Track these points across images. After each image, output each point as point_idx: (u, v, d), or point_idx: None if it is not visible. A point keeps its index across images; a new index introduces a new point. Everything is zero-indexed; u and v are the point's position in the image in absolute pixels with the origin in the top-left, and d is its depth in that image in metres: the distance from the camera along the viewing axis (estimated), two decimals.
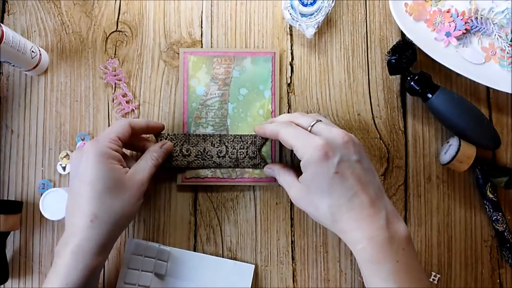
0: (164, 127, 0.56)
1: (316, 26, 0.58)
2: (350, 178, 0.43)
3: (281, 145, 0.59)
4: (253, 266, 0.57)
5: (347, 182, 0.43)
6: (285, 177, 0.50)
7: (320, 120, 0.48)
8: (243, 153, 0.57)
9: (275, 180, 0.58)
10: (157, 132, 0.56)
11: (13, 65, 0.55)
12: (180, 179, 0.58)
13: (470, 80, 0.57)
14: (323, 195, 0.44)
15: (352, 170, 0.44)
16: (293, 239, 0.59)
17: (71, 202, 0.48)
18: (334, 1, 0.58)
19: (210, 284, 0.57)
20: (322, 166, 0.43)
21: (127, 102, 0.60)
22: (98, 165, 0.46)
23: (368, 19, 0.61)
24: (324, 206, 0.44)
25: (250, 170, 0.58)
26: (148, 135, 0.58)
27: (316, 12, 0.58)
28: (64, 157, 0.59)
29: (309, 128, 0.47)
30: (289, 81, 0.61)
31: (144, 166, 0.51)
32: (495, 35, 0.58)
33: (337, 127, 0.47)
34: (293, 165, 0.59)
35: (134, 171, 0.50)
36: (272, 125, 0.49)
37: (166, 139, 0.57)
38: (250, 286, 0.57)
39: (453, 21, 0.58)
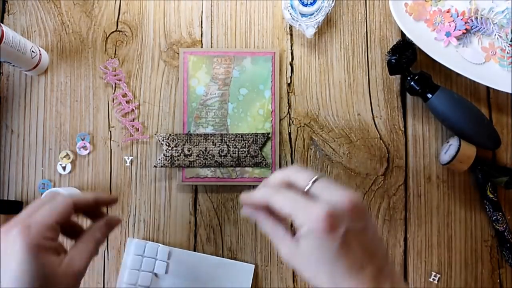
0: (117, 200, 0.47)
1: (316, 26, 0.58)
2: (357, 250, 0.38)
3: (281, 145, 0.59)
4: (253, 266, 0.57)
5: (353, 254, 0.38)
6: (273, 230, 0.42)
7: (320, 177, 0.41)
8: (245, 152, 0.57)
9: None
10: (109, 205, 0.49)
11: (13, 65, 0.55)
12: (180, 179, 0.58)
13: (470, 80, 0.57)
14: (325, 267, 0.39)
15: (359, 240, 0.38)
16: None
17: None
18: (334, 1, 0.58)
19: (210, 284, 0.57)
20: (327, 239, 0.38)
21: (127, 102, 0.60)
22: (27, 261, 0.36)
23: (368, 19, 0.61)
24: (324, 276, 0.39)
25: (250, 170, 0.58)
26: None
27: (316, 12, 0.58)
28: (64, 157, 0.59)
29: (306, 188, 0.40)
30: (289, 81, 0.61)
31: (83, 249, 0.42)
32: (495, 35, 0.58)
33: (338, 186, 0.40)
34: (292, 165, 0.59)
35: (71, 259, 0.40)
36: (262, 191, 0.41)
37: (168, 139, 0.57)
38: (250, 286, 0.57)
39: (453, 21, 0.58)
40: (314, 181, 0.40)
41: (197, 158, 0.57)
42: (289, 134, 0.60)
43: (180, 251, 0.57)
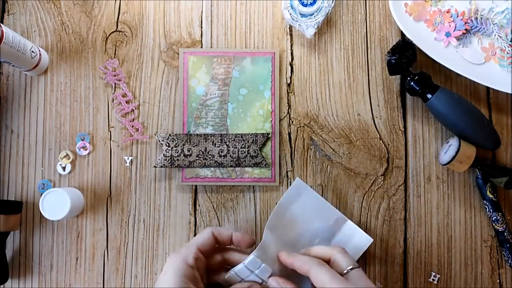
0: (254, 242, 0.49)
1: (316, 26, 0.58)
2: None
3: (280, 146, 0.59)
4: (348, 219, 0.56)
5: None
6: None
7: (359, 267, 0.45)
8: (244, 152, 0.57)
9: (274, 180, 0.58)
10: (245, 247, 0.49)
11: (13, 65, 0.55)
12: (180, 179, 0.58)
13: (470, 80, 0.57)
14: None
15: None
16: None
17: None
18: (334, 1, 0.58)
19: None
20: None
21: (127, 102, 0.60)
22: (173, 281, 0.44)
23: (368, 19, 0.61)
24: None
25: (250, 170, 0.58)
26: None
27: (316, 12, 0.58)
28: (64, 157, 0.59)
29: (345, 271, 0.45)
30: (289, 81, 0.61)
31: None
32: (495, 35, 0.58)
33: (369, 281, 0.45)
34: (292, 165, 0.59)
35: None
36: (304, 259, 0.46)
37: (167, 139, 0.57)
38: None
39: (453, 21, 0.58)
40: (351, 269, 0.45)
41: (197, 158, 0.57)
42: (289, 134, 0.60)
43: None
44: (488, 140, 0.57)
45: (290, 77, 0.61)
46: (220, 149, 0.58)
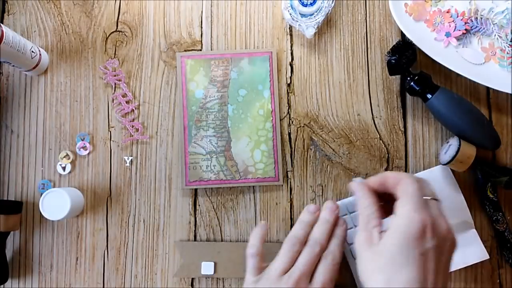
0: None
1: (316, 26, 0.58)
2: (430, 270, 0.39)
3: (282, 144, 0.59)
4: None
5: (424, 270, 0.39)
6: (368, 214, 0.44)
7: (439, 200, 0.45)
8: None
9: (278, 179, 0.58)
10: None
11: (13, 65, 0.55)
12: (184, 183, 0.58)
13: (470, 80, 0.57)
14: (391, 267, 0.40)
15: (436, 263, 0.40)
16: None
17: None
18: (334, 1, 0.58)
19: None
20: (412, 242, 0.39)
21: (127, 102, 0.60)
22: None
23: (368, 19, 0.61)
24: (382, 276, 0.40)
25: (254, 170, 0.58)
26: None
27: (316, 12, 0.58)
28: (64, 157, 0.59)
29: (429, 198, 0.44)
30: (289, 81, 0.61)
31: None
32: (495, 35, 0.58)
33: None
34: (292, 165, 0.59)
35: None
36: (396, 173, 0.46)
37: None
38: None
39: (453, 21, 0.58)
40: (436, 200, 0.43)
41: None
42: (289, 134, 0.60)
43: None
44: (488, 140, 0.57)
45: (290, 77, 0.61)
46: None
